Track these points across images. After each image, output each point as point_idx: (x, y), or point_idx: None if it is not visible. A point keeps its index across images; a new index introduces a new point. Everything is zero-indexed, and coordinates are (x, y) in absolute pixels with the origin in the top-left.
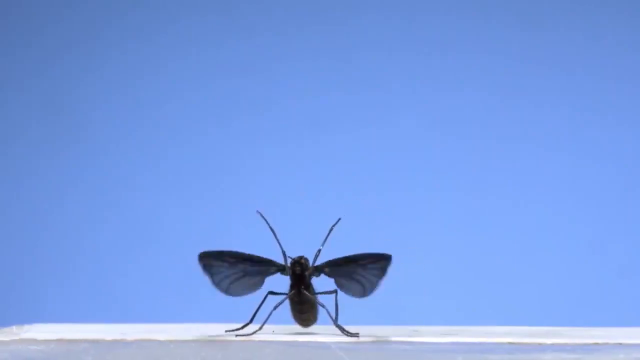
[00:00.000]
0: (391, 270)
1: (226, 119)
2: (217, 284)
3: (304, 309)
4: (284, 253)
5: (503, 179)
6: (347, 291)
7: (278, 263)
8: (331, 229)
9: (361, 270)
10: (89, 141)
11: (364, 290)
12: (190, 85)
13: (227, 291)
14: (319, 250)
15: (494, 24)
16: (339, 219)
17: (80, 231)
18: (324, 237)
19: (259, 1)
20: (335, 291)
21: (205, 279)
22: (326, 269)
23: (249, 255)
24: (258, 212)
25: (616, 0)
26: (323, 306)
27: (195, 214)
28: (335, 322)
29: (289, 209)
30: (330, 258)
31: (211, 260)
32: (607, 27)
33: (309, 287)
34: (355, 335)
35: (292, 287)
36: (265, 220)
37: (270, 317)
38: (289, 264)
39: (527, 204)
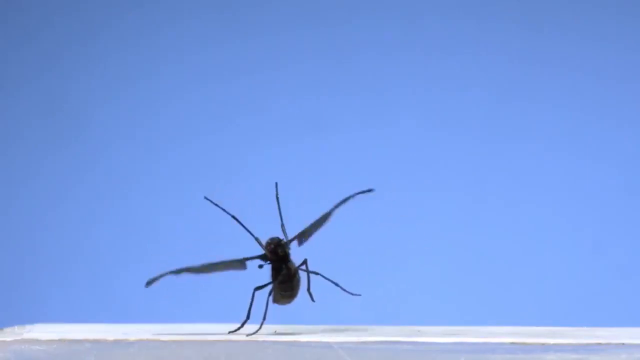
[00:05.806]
0: (392, 270)
1: (225, 119)
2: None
3: (290, 289)
4: (257, 240)
5: (504, 179)
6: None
7: (252, 257)
8: (277, 198)
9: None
10: (89, 141)
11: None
12: (190, 86)
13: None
14: (283, 225)
15: (493, 25)
16: (276, 183)
17: (80, 231)
18: (278, 211)
19: (260, 2)
20: (305, 261)
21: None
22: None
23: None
24: (206, 198)
25: (616, 0)
26: (314, 274)
27: (195, 214)
28: (308, 289)
29: (289, 209)
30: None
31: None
32: (607, 27)
33: (290, 269)
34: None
35: (276, 270)
36: (222, 208)
37: (272, 317)
38: (267, 251)
39: (530, 204)
